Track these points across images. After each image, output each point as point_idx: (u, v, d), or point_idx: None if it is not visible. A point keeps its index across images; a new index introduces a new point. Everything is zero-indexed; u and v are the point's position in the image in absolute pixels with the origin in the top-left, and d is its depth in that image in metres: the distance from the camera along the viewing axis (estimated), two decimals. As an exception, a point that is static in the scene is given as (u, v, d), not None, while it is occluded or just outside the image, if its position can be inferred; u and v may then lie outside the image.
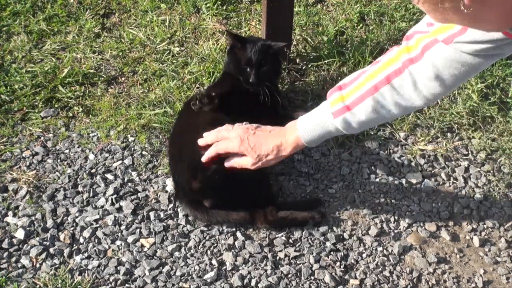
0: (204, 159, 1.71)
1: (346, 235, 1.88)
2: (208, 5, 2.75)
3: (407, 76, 1.35)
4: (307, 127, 1.54)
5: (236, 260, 1.79)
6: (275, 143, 1.58)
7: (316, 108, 1.55)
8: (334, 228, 1.90)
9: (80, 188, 2.01)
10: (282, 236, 1.86)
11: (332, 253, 1.82)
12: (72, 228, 1.89)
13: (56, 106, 2.32)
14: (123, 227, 1.88)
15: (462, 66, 1.26)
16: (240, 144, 1.60)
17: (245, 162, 1.64)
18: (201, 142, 1.73)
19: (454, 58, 1.26)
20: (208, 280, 1.73)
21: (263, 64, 2.00)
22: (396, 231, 1.90)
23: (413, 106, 1.40)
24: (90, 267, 1.77)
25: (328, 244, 1.84)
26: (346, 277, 1.76)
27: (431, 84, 1.33)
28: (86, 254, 1.81)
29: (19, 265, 1.77)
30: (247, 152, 1.60)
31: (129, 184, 2.03)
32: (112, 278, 1.74)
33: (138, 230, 1.87)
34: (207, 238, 1.86)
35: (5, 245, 1.82)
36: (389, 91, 1.38)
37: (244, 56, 2.01)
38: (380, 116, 1.43)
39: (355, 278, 1.76)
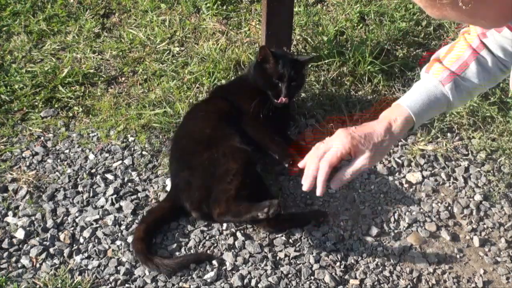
0: (322, 185, 1.42)
1: (346, 235, 1.88)
2: (208, 5, 2.75)
3: (491, 40, 1.38)
4: (413, 98, 1.40)
5: (236, 260, 1.79)
6: (384, 126, 1.38)
7: (415, 84, 1.46)
8: (334, 228, 1.90)
9: (80, 188, 2.01)
10: (282, 236, 1.86)
11: (332, 253, 1.82)
12: (72, 228, 1.88)
13: (56, 106, 2.32)
14: (123, 227, 1.88)
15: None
16: (349, 141, 1.36)
17: (363, 162, 1.38)
18: (301, 164, 1.49)
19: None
20: (208, 280, 1.73)
21: (293, 80, 2.02)
22: (396, 231, 1.90)
23: (508, 65, 1.40)
24: (90, 267, 1.77)
25: (328, 244, 1.84)
26: (346, 277, 1.76)
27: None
28: (86, 254, 1.80)
29: (19, 265, 1.77)
30: (361, 145, 1.36)
31: (129, 184, 2.03)
32: (112, 278, 1.74)
33: (138, 230, 1.87)
34: (207, 238, 1.86)
35: (5, 245, 1.82)
36: (487, 53, 1.39)
37: (276, 72, 2.00)
38: (484, 79, 1.41)
39: (355, 278, 1.76)
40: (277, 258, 1.81)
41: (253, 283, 1.73)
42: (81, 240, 1.85)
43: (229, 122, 1.99)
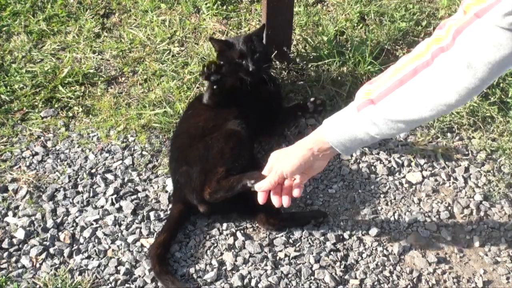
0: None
1: (346, 235, 1.88)
2: (208, 5, 2.75)
3: (436, 67, 1.16)
4: (332, 126, 1.33)
5: (236, 260, 1.79)
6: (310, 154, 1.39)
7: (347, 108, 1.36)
8: (334, 228, 1.90)
9: (80, 188, 2.01)
10: (282, 236, 1.86)
11: (332, 253, 1.82)
12: (72, 228, 1.88)
13: (56, 106, 2.32)
14: (123, 227, 1.88)
15: (497, 50, 1.06)
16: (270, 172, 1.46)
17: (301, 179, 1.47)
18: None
19: (488, 40, 1.07)
20: (208, 280, 1.73)
21: (255, 52, 2.07)
22: (396, 231, 1.90)
23: (444, 103, 1.18)
24: (90, 267, 1.77)
25: (328, 244, 1.84)
26: (346, 277, 1.76)
27: (463, 74, 1.12)
28: (86, 254, 1.80)
29: (19, 265, 1.77)
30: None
31: (129, 184, 2.03)
32: (112, 278, 1.74)
33: (138, 230, 1.87)
34: (207, 238, 1.86)
35: (5, 245, 1.82)
36: (416, 84, 1.19)
37: (236, 52, 2.07)
38: (408, 114, 1.22)
39: (355, 278, 1.76)
40: (277, 258, 1.81)
41: (253, 283, 1.73)
42: (81, 240, 1.85)
43: (219, 110, 2.01)
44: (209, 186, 1.79)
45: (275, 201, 1.47)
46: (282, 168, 1.41)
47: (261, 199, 1.48)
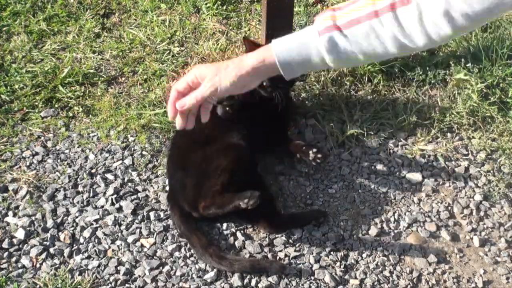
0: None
1: (346, 235, 1.88)
2: (208, 5, 2.75)
3: (413, 7, 1.12)
4: (284, 43, 1.23)
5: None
6: (236, 59, 1.24)
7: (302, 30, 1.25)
8: (334, 228, 1.90)
9: (80, 188, 2.01)
10: (282, 236, 1.86)
11: (332, 253, 1.82)
12: (72, 228, 1.89)
13: (56, 106, 2.32)
14: (123, 227, 1.89)
15: (477, 2, 1.05)
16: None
17: (201, 89, 1.25)
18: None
19: None
20: (208, 280, 1.73)
21: (281, 86, 1.96)
22: (396, 231, 1.90)
23: (412, 44, 1.16)
24: (90, 267, 1.77)
25: (328, 244, 1.84)
26: (346, 277, 1.76)
27: (439, 20, 1.10)
28: (86, 254, 1.81)
29: (19, 265, 1.77)
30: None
31: (129, 184, 2.03)
32: (112, 278, 1.74)
33: (138, 230, 1.87)
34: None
35: (5, 245, 1.82)
36: (390, 19, 1.14)
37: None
38: (372, 48, 1.17)
39: (355, 278, 1.76)
40: (277, 258, 1.81)
41: (253, 283, 1.73)
42: (81, 240, 1.85)
43: (229, 121, 1.98)
44: (204, 200, 1.79)
45: (178, 121, 1.29)
46: (217, 80, 1.23)
47: (170, 113, 1.28)
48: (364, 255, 1.82)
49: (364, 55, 1.17)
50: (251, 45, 1.97)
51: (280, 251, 1.82)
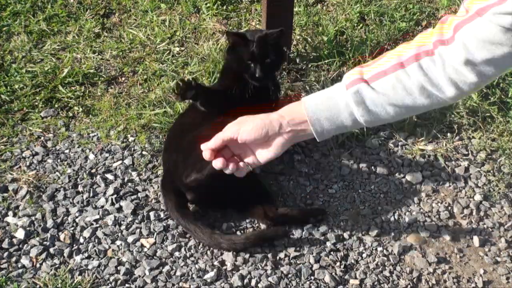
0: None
1: (346, 235, 1.88)
2: (208, 5, 2.75)
3: (437, 58, 1.12)
4: (314, 99, 1.18)
5: (236, 260, 1.79)
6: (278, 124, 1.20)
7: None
8: (334, 228, 1.90)
9: (80, 188, 2.01)
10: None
11: (332, 253, 1.82)
12: (72, 228, 1.89)
13: (56, 106, 2.32)
14: (123, 227, 1.88)
15: (496, 48, 1.04)
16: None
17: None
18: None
19: (487, 37, 1.05)
20: (208, 280, 1.73)
21: (266, 57, 1.94)
22: (396, 231, 1.90)
23: (441, 94, 1.14)
24: (90, 267, 1.77)
25: (328, 244, 1.84)
26: (346, 277, 1.76)
27: (462, 69, 1.10)
28: (86, 254, 1.81)
29: (19, 265, 1.77)
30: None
31: (129, 184, 2.03)
32: (112, 278, 1.74)
33: (138, 230, 1.87)
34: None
35: (5, 245, 1.82)
36: (416, 70, 1.13)
37: (247, 52, 1.94)
38: (400, 99, 1.15)
39: (355, 278, 1.76)
40: (277, 258, 1.81)
41: (253, 283, 1.73)
42: (81, 240, 1.85)
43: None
44: (188, 170, 1.79)
45: (216, 163, 1.22)
46: (238, 129, 1.21)
47: (206, 155, 1.23)
48: (364, 255, 1.82)
49: (394, 106, 1.15)
50: (235, 37, 1.97)
51: (280, 251, 1.82)
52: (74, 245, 1.84)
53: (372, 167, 2.10)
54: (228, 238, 1.80)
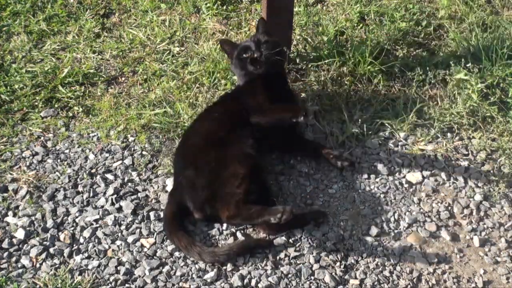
0: None
1: (346, 235, 1.88)
2: (208, 5, 2.75)
3: None
4: None
5: (236, 260, 1.79)
6: None
7: None
8: (334, 228, 1.90)
9: (80, 188, 2.01)
10: (282, 236, 1.86)
11: (332, 253, 1.82)
12: (72, 228, 1.88)
13: (56, 106, 2.32)
14: (123, 227, 1.88)
15: None
16: None
17: None
18: None
19: None
20: (208, 280, 1.73)
21: (262, 42, 2.07)
22: (396, 231, 1.90)
23: None
24: (90, 267, 1.77)
25: (328, 244, 1.84)
26: (346, 277, 1.76)
27: None
28: (86, 254, 1.80)
29: (19, 265, 1.77)
30: None
31: (129, 184, 2.03)
32: (112, 278, 1.74)
33: (138, 230, 1.87)
34: (207, 238, 1.86)
35: (5, 245, 1.82)
36: None
37: (243, 48, 2.09)
38: None
39: (355, 278, 1.76)
40: (277, 258, 1.81)
41: (253, 283, 1.73)
42: (81, 240, 1.85)
43: (242, 128, 1.97)
44: (228, 209, 1.79)
45: None
46: None
47: None
48: (364, 255, 1.82)
49: None
50: (228, 45, 2.13)
51: (280, 251, 1.82)
52: (74, 245, 1.83)
53: (372, 167, 2.10)
54: (211, 251, 1.77)
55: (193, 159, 1.89)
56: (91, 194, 1.99)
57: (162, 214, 1.92)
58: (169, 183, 2.00)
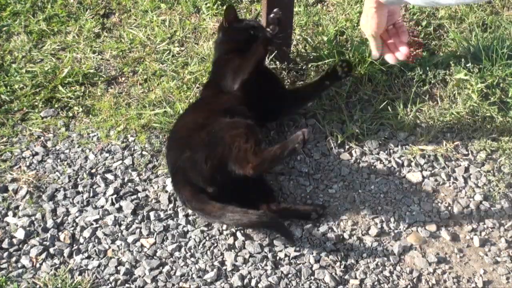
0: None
1: (346, 235, 1.88)
2: (208, 5, 2.75)
3: None
4: None
5: (236, 260, 1.79)
6: None
7: None
8: (334, 228, 1.90)
9: (80, 188, 2.01)
10: (282, 236, 1.86)
11: (332, 253, 1.82)
12: (72, 228, 1.89)
13: (56, 106, 2.32)
14: (123, 227, 1.89)
15: None
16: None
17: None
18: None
19: None
20: (208, 280, 1.73)
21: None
22: (396, 231, 1.90)
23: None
24: (90, 267, 1.77)
25: (328, 244, 1.84)
26: (346, 277, 1.76)
27: None
28: (86, 254, 1.81)
29: (19, 265, 1.77)
30: None
31: (129, 184, 2.03)
32: (112, 278, 1.74)
33: (138, 230, 1.87)
34: (207, 238, 1.86)
35: (5, 245, 1.82)
36: None
37: (250, 25, 2.17)
38: None
39: (355, 278, 1.76)
40: (277, 258, 1.81)
41: (253, 283, 1.73)
42: (81, 240, 1.85)
43: (226, 109, 1.99)
44: (249, 162, 1.75)
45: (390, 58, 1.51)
46: (369, 30, 1.45)
47: (391, 59, 1.51)
48: (364, 255, 1.82)
49: None
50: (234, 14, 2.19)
51: (280, 251, 1.82)
52: (74, 245, 1.84)
53: (372, 167, 2.10)
54: (244, 211, 1.78)
55: (185, 143, 1.90)
56: (91, 194, 1.99)
57: (162, 215, 1.92)
58: (169, 183, 2.00)
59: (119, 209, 1.94)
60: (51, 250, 1.81)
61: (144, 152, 2.14)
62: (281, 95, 2.17)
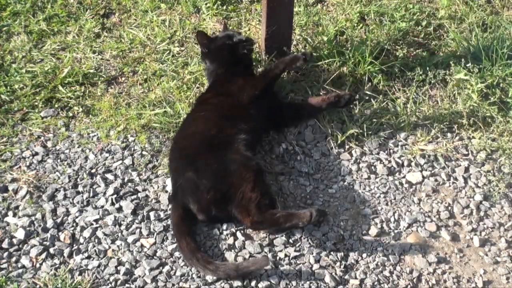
0: None
1: (346, 235, 1.88)
2: (208, 5, 2.75)
3: None
4: None
5: (236, 260, 1.79)
6: None
7: None
8: (334, 228, 1.90)
9: (80, 188, 2.01)
10: (282, 236, 1.86)
11: (332, 253, 1.82)
12: (72, 228, 1.89)
13: (56, 106, 2.32)
14: (123, 227, 1.89)
15: None
16: None
17: None
18: None
19: None
20: (208, 280, 1.73)
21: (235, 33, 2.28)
22: (396, 231, 1.90)
23: None
24: (90, 267, 1.77)
25: (328, 244, 1.84)
26: (346, 277, 1.76)
27: None
28: (86, 254, 1.81)
29: (19, 265, 1.77)
30: None
31: (129, 184, 2.03)
32: (112, 278, 1.74)
33: (138, 230, 1.87)
34: (207, 238, 1.86)
35: (5, 245, 1.82)
36: None
37: (226, 36, 2.23)
38: None
39: (355, 278, 1.76)
40: (277, 258, 1.81)
41: (253, 283, 1.73)
42: (81, 240, 1.85)
43: (232, 121, 1.99)
44: (250, 215, 1.78)
45: None
46: None
47: None
48: (364, 255, 1.82)
49: None
50: (205, 37, 2.24)
51: (280, 251, 1.82)
52: (74, 245, 1.84)
53: (372, 167, 2.10)
54: (207, 261, 1.74)
55: (191, 161, 1.88)
56: (91, 194, 1.99)
57: (162, 215, 1.92)
58: (169, 183, 2.00)
59: (119, 209, 1.94)
60: (51, 250, 1.81)
61: (144, 152, 2.14)
62: (284, 109, 2.21)
